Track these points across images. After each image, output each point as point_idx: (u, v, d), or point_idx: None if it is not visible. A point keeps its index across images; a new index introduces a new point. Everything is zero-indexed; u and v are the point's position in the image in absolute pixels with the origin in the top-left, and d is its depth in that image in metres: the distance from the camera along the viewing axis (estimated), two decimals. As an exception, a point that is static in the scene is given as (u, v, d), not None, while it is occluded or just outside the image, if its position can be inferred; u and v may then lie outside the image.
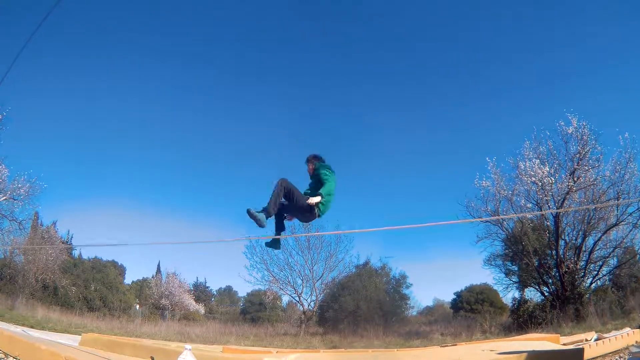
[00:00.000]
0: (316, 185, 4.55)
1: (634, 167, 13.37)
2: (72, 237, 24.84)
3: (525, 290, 16.51)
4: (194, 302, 29.10)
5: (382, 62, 42.58)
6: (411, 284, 21.12)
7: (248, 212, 4.24)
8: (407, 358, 5.10)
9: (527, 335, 7.75)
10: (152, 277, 30.50)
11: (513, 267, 17.02)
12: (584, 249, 14.33)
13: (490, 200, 15.55)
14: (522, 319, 14.19)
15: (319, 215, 4.46)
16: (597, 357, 4.34)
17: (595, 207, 13.58)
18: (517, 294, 16.97)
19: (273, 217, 4.42)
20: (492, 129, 38.66)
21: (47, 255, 19.95)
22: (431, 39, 40.91)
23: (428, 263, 34.43)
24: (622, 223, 13.84)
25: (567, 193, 14.04)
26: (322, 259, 20.40)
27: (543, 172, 14.18)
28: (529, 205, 15.00)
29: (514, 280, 17.14)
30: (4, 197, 16.23)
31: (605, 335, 5.48)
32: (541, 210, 14.67)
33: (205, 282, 34.69)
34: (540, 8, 36.00)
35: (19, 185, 16.46)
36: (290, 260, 20.41)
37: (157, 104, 41.47)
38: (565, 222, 14.63)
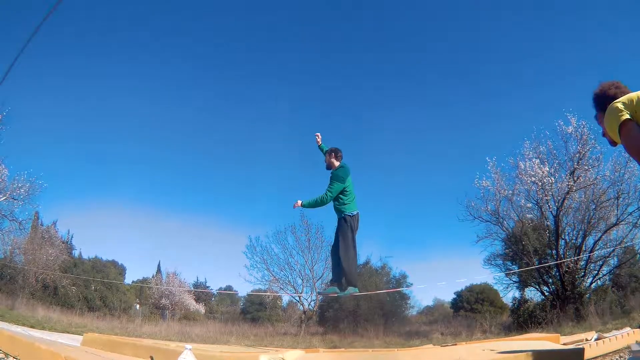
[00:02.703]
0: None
1: (633, 167, 13.37)
2: (72, 237, 24.91)
3: (525, 289, 16.54)
4: (194, 302, 29.13)
5: (381, 61, 42.56)
6: (411, 284, 21.17)
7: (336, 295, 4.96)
8: (407, 358, 5.10)
9: (527, 334, 7.75)
10: (153, 276, 30.55)
11: (513, 266, 17.04)
12: (584, 248, 14.34)
13: (490, 200, 15.60)
14: (522, 319, 14.21)
15: (344, 218, 4.91)
16: (597, 356, 4.34)
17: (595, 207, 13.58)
18: (517, 294, 17.01)
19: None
20: (492, 129, 38.58)
21: (47, 255, 19.97)
22: (431, 38, 40.89)
23: (428, 263, 34.41)
24: (622, 222, 13.85)
25: (567, 193, 14.06)
26: (322, 258, 20.42)
27: (543, 172, 14.19)
28: (529, 205, 15.03)
29: (514, 279, 17.15)
30: (4, 197, 16.22)
31: (605, 334, 5.48)
32: (541, 210, 14.73)
33: (206, 282, 34.76)
34: (540, 7, 35.97)
35: (19, 185, 16.44)
36: (290, 260, 20.45)
37: (157, 103, 41.44)
38: (565, 221, 14.64)
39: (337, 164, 5.06)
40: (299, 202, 4.96)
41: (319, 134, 5.49)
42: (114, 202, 44.34)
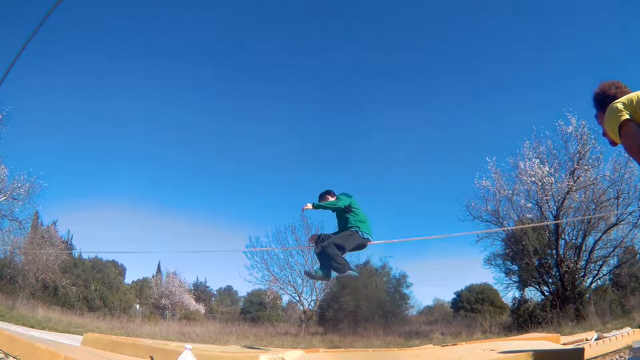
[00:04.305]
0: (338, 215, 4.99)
1: (633, 167, 13.38)
2: (72, 237, 24.88)
3: (526, 289, 16.54)
4: (194, 302, 29.11)
5: (381, 60, 42.55)
6: (411, 284, 21.16)
7: (307, 274, 4.99)
8: (407, 358, 5.10)
9: (527, 334, 7.75)
10: (153, 276, 30.50)
11: (513, 266, 17.04)
12: (584, 248, 14.34)
13: (490, 200, 15.60)
14: (522, 319, 14.21)
15: (354, 230, 4.81)
16: (597, 356, 4.34)
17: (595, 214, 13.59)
18: (517, 294, 17.01)
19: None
20: (492, 129, 38.59)
21: (47, 255, 19.96)
22: (431, 37, 40.90)
23: (428, 262, 34.42)
24: (622, 222, 13.86)
25: (567, 192, 14.06)
26: (322, 258, 20.39)
27: (543, 172, 14.19)
28: (529, 205, 15.04)
29: (514, 279, 17.15)
30: (4, 197, 16.22)
31: (605, 334, 5.48)
32: (541, 210, 14.73)
33: (206, 282, 34.74)
34: (540, 7, 35.98)
35: (19, 185, 16.44)
36: (290, 260, 20.44)
37: (157, 101, 41.40)
38: (565, 221, 14.64)
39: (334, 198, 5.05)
40: (309, 204, 4.84)
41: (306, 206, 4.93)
42: (114, 202, 44.36)
